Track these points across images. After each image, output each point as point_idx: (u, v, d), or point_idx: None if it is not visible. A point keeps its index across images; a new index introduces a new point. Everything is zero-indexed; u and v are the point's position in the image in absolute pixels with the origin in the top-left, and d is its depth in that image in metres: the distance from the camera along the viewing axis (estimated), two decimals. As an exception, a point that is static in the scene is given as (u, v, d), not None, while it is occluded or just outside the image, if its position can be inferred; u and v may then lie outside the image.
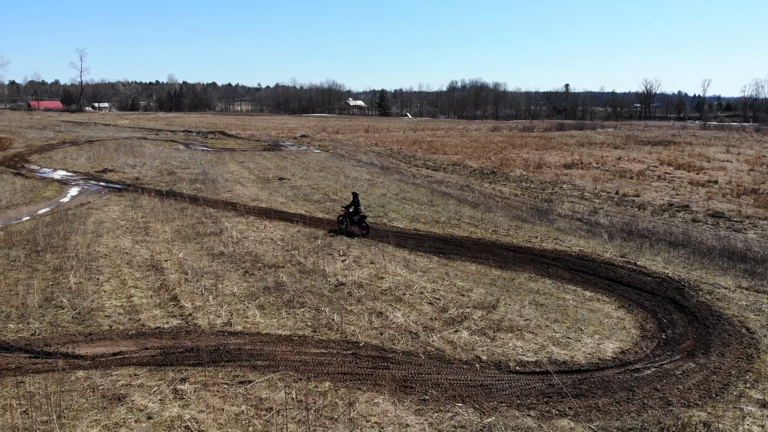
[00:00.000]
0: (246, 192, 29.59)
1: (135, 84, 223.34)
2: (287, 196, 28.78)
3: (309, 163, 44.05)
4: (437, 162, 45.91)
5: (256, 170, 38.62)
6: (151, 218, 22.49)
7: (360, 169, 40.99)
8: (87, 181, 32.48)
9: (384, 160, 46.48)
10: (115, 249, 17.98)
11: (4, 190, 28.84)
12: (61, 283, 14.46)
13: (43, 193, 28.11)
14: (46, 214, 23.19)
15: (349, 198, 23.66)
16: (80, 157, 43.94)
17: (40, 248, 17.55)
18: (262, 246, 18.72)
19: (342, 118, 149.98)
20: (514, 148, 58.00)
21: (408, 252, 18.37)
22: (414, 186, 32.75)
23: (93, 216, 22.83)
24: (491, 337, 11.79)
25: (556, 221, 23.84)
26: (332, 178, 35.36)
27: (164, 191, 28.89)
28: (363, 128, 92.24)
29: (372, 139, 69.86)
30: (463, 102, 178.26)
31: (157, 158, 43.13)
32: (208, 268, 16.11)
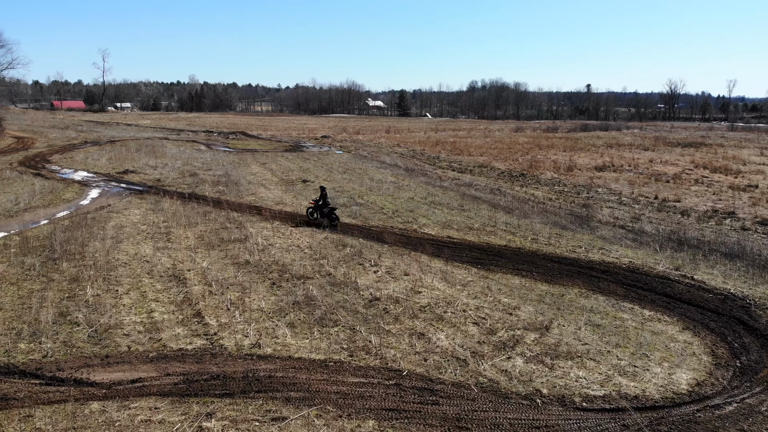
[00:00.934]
0: (270, 195, 28.58)
1: (156, 84, 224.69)
2: (312, 198, 27.69)
3: (332, 164, 43.00)
4: (463, 164, 44.57)
5: (279, 172, 37.66)
6: (172, 223, 21.54)
7: (384, 171, 39.83)
8: (108, 183, 31.74)
9: (408, 162, 45.28)
10: (135, 257, 17.01)
11: (23, 191, 28.14)
12: (78, 296, 13.48)
13: (62, 195, 27.35)
14: (65, 217, 22.36)
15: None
16: (101, 157, 43.37)
17: (56, 256, 16.63)
18: (289, 254, 17.62)
19: (362, 119, 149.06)
20: (540, 150, 56.40)
21: (444, 262, 17.15)
22: (442, 189, 31.50)
23: (113, 220, 21.94)
24: (549, 365, 10.53)
25: (597, 228, 22.44)
26: (356, 181, 34.24)
27: (186, 194, 27.99)
28: (384, 129, 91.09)
29: (393, 140, 68.70)
30: (484, 102, 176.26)
31: (179, 159, 42.38)
32: (233, 279, 15.05)
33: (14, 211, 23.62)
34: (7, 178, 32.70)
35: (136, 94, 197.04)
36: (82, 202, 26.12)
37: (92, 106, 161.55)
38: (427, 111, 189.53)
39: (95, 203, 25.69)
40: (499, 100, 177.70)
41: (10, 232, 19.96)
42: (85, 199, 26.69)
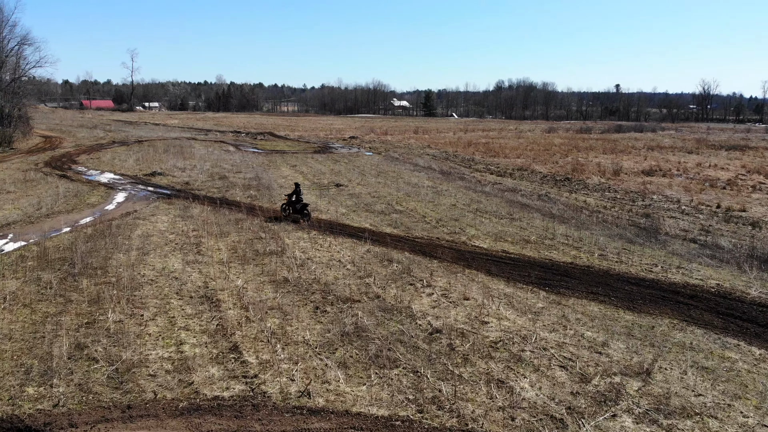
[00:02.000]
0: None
1: (184, 84, 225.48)
2: (347, 205, 25.89)
3: (364, 167, 41.18)
4: (501, 166, 42.39)
5: (311, 175, 35.96)
6: (203, 232, 19.88)
7: (419, 174, 37.88)
8: (134, 186, 30.33)
9: (442, 164, 43.26)
10: (162, 272, 15.34)
11: (47, 194, 26.80)
12: (98, 322, 11.79)
13: (87, 199, 25.93)
14: (88, 225, 20.84)
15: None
16: (129, 158, 42.16)
17: (76, 270, 15.02)
18: (331, 271, 15.79)
19: (388, 119, 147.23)
20: (579, 152, 53.90)
21: (505, 283, 15.15)
22: (484, 195, 29.42)
23: (139, 228, 20.36)
24: (665, 427, 8.49)
25: (667, 243, 20.19)
26: (391, 185, 32.35)
27: (216, 198, 26.39)
28: (412, 129, 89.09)
29: (423, 141, 66.72)
30: (511, 102, 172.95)
31: (208, 160, 40.94)
32: (272, 301, 13.25)
33: (36, 216, 22.20)
34: (31, 180, 31.49)
35: (164, 93, 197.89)
36: (107, 207, 24.67)
37: (121, 106, 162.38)
38: (454, 111, 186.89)
39: (121, 208, 24.20)
40: (528, 100, 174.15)
41: (29, 241, 18.47)
42: (110, 204, 25.23)
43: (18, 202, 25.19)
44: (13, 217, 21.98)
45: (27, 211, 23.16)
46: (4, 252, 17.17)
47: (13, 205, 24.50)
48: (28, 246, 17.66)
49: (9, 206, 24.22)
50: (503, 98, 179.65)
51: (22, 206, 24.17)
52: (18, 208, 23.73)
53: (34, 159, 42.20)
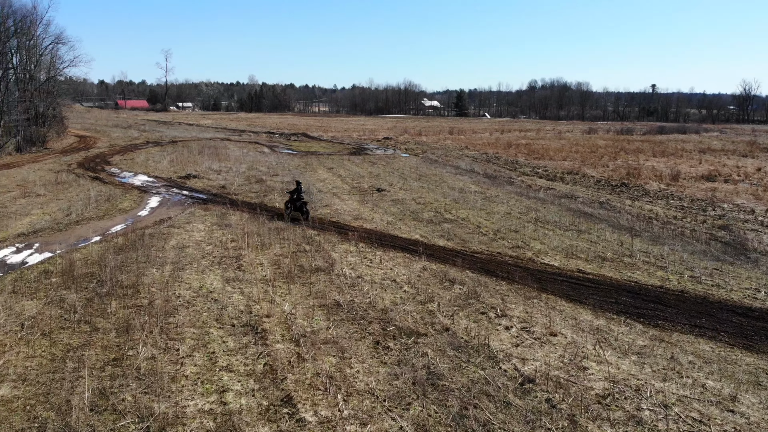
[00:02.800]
0: (345, 207, 24.98)
1: (217, 84, 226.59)
2: (392, 213, 23.96)
3: (402, 169, 39.21)
4: (548, 170, 39.98)
5: (349, 178, 34.14)
6: (242, 243, 18.15)
7: (462, 177, 35.76)
8: (169, 189, 28.88)
9: (485, 167, 41.02)
10: (200, 292, 13.60)
11: (78, 198, 25.47)
12: (127, 358, 10.06)
13: (119, 204, 24.50)
14: (119, 233, 19.30)
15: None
16: (163, 159, 40.94)
17: (105, 290, 13.37)
18: (386, 293, 13.86)
19: (419, 119, 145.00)
20: (627, 154, 51.05)
21: (591, 312, 13.01)
22: (540, 202, 27.18)
23: (174, 238, 18.74)
24: None
25: (760, 261, 17.76)
26: (436, 190, 30.32)
27: (254, 204, 24.73)
28: (446, 129, 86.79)
29: (460, 142, 64.46)
30: (546, 102, 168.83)
31: (243, 162, 39.45)
32: (324, 333, 11.37)
33: (65, 223, 20.78)
34: (63, 182, 30.31)
35: (198, 94, 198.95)
36: (140, 212, 23.17)
37: (155, 106, 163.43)
38: (486, 111, 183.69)
39: (154, 215, 22.68)
40: (563, 100, 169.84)
41: (55, 252, 16.96)
42: (143, 210, 23.75)
43: (47, 206, 23.89)
44: (40, 224, 20.59)
45: (56, 217, 21.78)
46: (28, 265, 15.67)
47: (42, 210, 23.19)
48: (53, 258, 16.14)
49: (38, 211, 22.91)
50: (537, 98, 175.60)
51: (52, 211, 22.83)
52: (47, 214, 22.39)
53: (67, 159, 41.30)
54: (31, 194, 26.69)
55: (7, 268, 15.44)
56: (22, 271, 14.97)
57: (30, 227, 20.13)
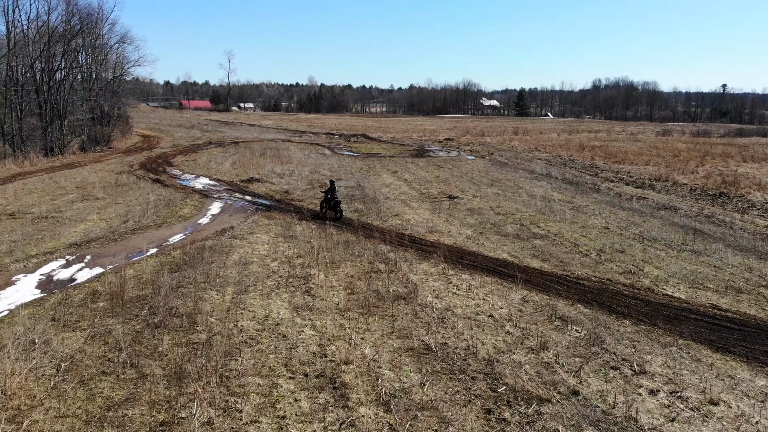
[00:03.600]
0: (416, 217, 22.58)
1: (277, 85, 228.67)
2: (470, 225, 21.39)
3: (471, 174, 36.50)
4: (632, 175, 36.39)
5: (416, 183, 31.74)
6: (309, 259, 16.03)
7: (540, 183, 32.75)
8: (231, 194, 27.25)
9: (563, 171, 37.78)
10: (265, 323, 11.49)
11: (136, 203, 24.07)
12: (178, 423, 7.95)
13: (179, 211, 22.91)
14: (178, 245, 17.52)
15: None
16: (225, 161, 39.67)
17: (157, 320, 11.42)
18: (485, 333, 11.35)
19: (479, 119, 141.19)
20: (713, 159, 46.55)
21: (747, 367, 10.11)
22: (637, 214, 24.00)
23: (236, 252, 16.81)
24: None
25: None
26: (514, 198, 27.53)
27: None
28: (510, 130, 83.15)
29: (527, 143, 61.05)
30: (611, 102, 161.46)
31: (306, 165, 37.68)
32: (418, 392, 8.99)
33: (120, 232, 19.22)
34: (123, 184, 29.17)
35: (258, 95, 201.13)
36: (201, 220, 21.47)
37: (217, 106, 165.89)
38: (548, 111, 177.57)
39: (215, 223, 20.91)
40: (629, 100, 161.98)
41: (107, 267, 15.27)
42: (204, 217, 22.06)
43: (105, 211, 22.53)
44: (95, 232, 19.09)
45: (112, 224, 20.30)
46: (76, 283, 13.97)
47: (99, 215, 21.81)
48: (104, 276, 14.40)
49: (94, 216, 21.54)
50: (602, 98, 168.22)
51: (108, 217, 21.41)
52: (103, 220, 20.97)
53: (129, 160, 40.64)
54: (89, 197, 25.52)
55: (53, 287, 13.79)
56: (68, 292, 13.25)
57: (84, 236, 18.65)
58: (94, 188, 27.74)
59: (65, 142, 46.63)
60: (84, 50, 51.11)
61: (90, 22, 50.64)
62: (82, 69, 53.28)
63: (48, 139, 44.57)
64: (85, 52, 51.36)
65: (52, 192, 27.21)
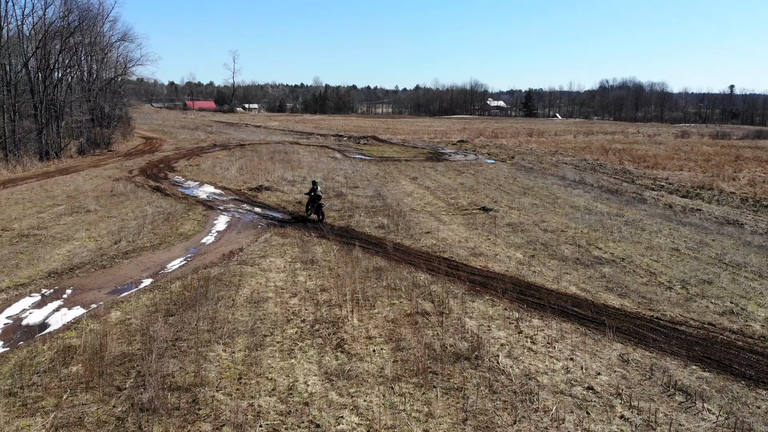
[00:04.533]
0: (452, 235, 19.48)
1: (282, 86, 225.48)
2: (517, 245, 18.29)
3: (498, 180, 33.39)
4: (671, 182, 33.24)
5: (440, 192, 28.64)
6: (336, 294, 12.96)
7: (576, 191, 29.62)
8: (238, 205, 24.18)
9: (596, 178, 34.62)
10: (290, 402, 8.42)
11: (133, 216, 21.02)
12: None
13: (180, 227, 19.84)
14: (177, 274, 14.44)
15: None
16: (231, 166, 36.59)
17: (146, 397, 8.35)
18: (591, 419, 8.28)
19: (488, 120, 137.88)
20: (747, 164, 43.39)
21: None
22: (702, 231, 20.85)
23: (247, 283, 13.74)
24: None
25: None
26: (554, 210, 24.43)
27: (340, 229, 19.60)
28: (524, 131, 79.94)
29: (545, 145, 57.94)
30: (620, 103, 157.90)
31: (318, 171, 34.61)
32: None
33: (110, 255, 16.15)
34: (119, 193, 26.12)
35: (263, 95, 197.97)
36: (205, 239, 18.41)
37: (222, 107, 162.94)
38: (557, 111, 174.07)
39: (222, 243, 17.85)
40: (639, 100, 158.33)
41: (88, 307, 12.21)
42: (208, 235, 19.00)
43: (96, 227, 19.48)
44: (81, 256, 16.04)
45: (102, 244, 17.24)
46: (48, 332, 10.90)
47: (88, 232, 18.76)
48: (82, 323, 11.30)
49: (83, 234, 18.49)
50: (611, 99, 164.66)
51: (99, 235, 18.36)
52: (92, 239, 17.91)
53: (129, 164, 37.62)
54: (79, 210, 22.48)
55: (20, 336, 10.74)
56: (36, 347, 10.18)
57: (67, 260, 15.59)
58: (87, 198, 24.70)
59: (62, 145, 43.57)
60: (83, 48, 48.05)
61: (89, 19, 47.61)
62: (81, 68, 50.26)
63: (43, 142, 41.52)
64: (84, 49, 48.30)
65: (40, 203, 24.19)
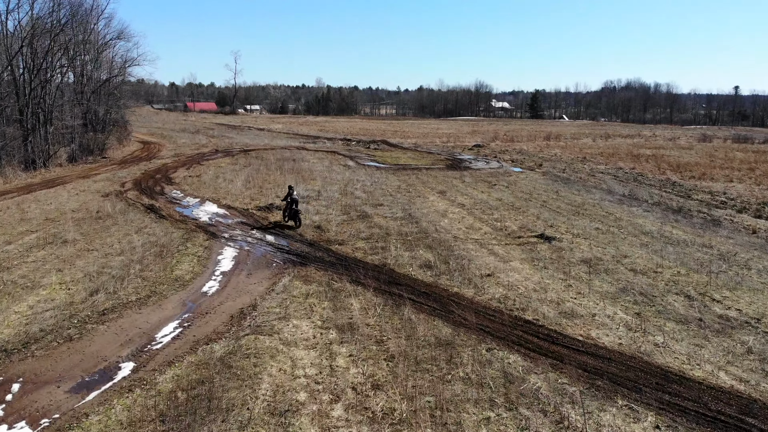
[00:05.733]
0: (521, 280, 15.20)
1: (284, 87, 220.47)
2: (610, 295, 14.11)
3: (537, 194, 29.14)
4: (729, 196, 29.04)
5: (478, 211, 24.42)
6: (396, 397, 8.68)
7: (633, 209, 25.40)
8: (246, 231, 19.95)
9: (646, 191, 30.36)
10: None
11: (118, 250, 16.73)
12: None
13: (175, 267, 15.56)
14: (169, 354, 10.16)
15: None
16: (236, 177, 32.32)
17: None
18: None
19: (495, 122, 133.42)
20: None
21: None
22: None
23: (266, 372, 9.51)
24: None
25: None
26: (624, 237, 20.23)
27: (375, 268, 15.32)
28: (540, 135, 75.55)
29: (569, 151, 53.78)
30: (628, 104, 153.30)
31: (332, 182, 30.37)
32: None
33: (82, 317, 11.87)
34: (107, 215, 21.87)
35: (265, 96, 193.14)
36: (207, 286, 14.15)
37: (223, 108, 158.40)
38: (564, 113, 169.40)
39: (228, 293, 13.58)
40: (648, 102, 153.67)
41: (37, 425, 7.92)
42: (211, 278, 14.75)
43: (71, 267, 15.22)
44: (44, 318, 11.76)
45: (74, 298, 12.96)
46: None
47: (60, 275, 14.50)
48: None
49: (53, 278, 14.24)
50: (619, 100, 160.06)
51: (73, 279, 14.11)
52: (62, 289, 13.64)
53: (122, 175, 33.37)
54: (55, 240, 18.21)
55: None
56: None
57: (24, 326, 11.33)
58: (67, 223, 20.43)
59: (50, 152, 39.26)
60: (75, 46, 43.69)
61: (81, 14, 43.27)
62: (74, 68, 45.92)
63: (29, 150, 37.21)
64: (76, 48, 43.93)
65: (11, 228, 19.93)
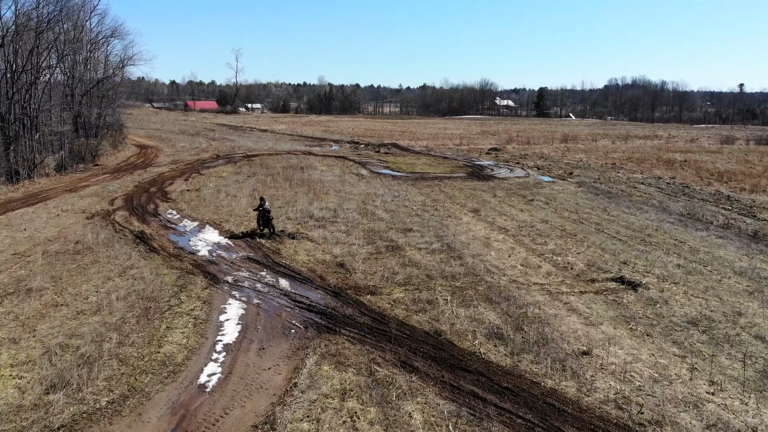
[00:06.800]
0: (632, 364, 11.38)
1: (286, 85, 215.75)
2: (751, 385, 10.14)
3: (585, 213, 25.22)
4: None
5: (526, 238, 20.56)
6: None
7: (705, 234, 21.58)
8: (255, 271, 16.04)
9: (704, 208, 26.45)
10: None
11: (95, 307, 12.69)
12: None
13: (164, 339, 11.58)
14: None
15: None
16: (239, 192, 28.34)
17: None
18: None
19: (502, 121, 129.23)
20: None
21: None
22: None
23: None
24: None
25: None
26: (717, 279, 16.48)
27: (426, 336, 11.36)
28: (557, 137, 71.33)
29: (592, 155, 50.03)
30: (635, 102, 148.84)
31: (348, 199, 26.43)
32: None
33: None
34: (87, 247, 17.94)
35: (266, 95, 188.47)
36: (204, 374, 10.22)
37: (224, 107, 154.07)
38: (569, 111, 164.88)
39: (234, 390, 9.64)
40: (656, 100, 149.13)
41: None
42: (210, 360, 10.81)
43: (30, 338, 11.26)
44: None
45: (24, 398, 8.99)
46: None
47: (13, 355, 10.50)
48: None
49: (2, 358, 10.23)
50: (626, 98, 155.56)
51: (28, 360, 10.15)
52: (12, 375, 9.66)
53: (113, 188, 29.45)
54: (18, 290, 14.23)
55: None
56: None
57: None
58: (38, 261, 16.43)
59: (36, 161, 35.21)
60: (64, 44, 39.56)
61: (71, 9, 39.10)
62: (63, 68, 41.79)
63: (11, 160, 33.16)
64: (66, 47, 39.79)
65: (-34, 269, 15.92)
